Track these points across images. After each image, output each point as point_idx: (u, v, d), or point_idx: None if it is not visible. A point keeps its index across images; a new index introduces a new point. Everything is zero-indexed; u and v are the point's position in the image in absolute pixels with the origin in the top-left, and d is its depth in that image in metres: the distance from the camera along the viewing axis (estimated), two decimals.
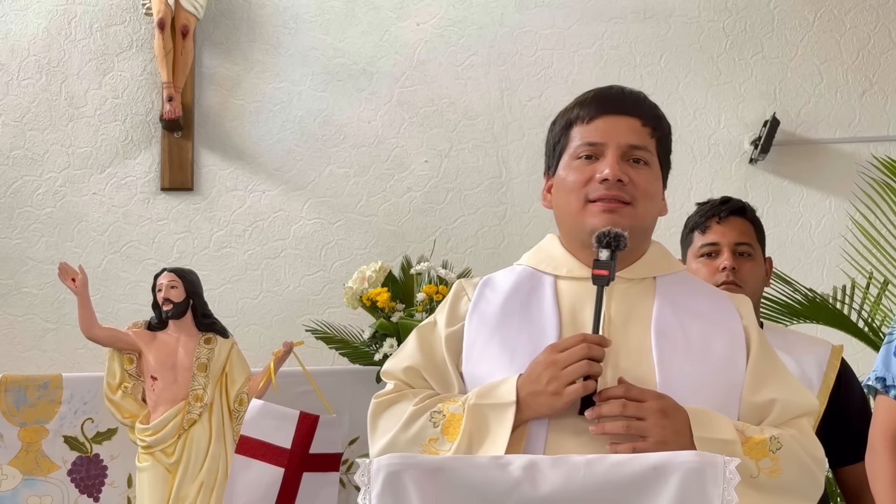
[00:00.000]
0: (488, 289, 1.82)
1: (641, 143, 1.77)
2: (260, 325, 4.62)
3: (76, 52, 4.77)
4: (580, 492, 1.46)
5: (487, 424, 1.63)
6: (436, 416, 1.68)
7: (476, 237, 4.73)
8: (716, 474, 1.45)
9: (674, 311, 1.74)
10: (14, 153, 4.71)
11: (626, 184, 1.73)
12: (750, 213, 2.65)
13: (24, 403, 3.75)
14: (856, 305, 3.58)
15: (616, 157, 1.74)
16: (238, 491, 3.39)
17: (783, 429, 1.68)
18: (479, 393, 1.67)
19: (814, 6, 4.88)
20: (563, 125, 1.84)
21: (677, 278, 1.82)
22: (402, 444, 1.68)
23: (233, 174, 4.74)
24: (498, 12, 4.87)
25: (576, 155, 1.78)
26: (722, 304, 1.80)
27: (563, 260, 1.80)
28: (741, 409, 1.70)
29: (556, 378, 1.60)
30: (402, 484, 1.47)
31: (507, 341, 1.72)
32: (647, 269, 1.80)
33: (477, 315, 1.77)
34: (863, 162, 4.28)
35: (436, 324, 1.82)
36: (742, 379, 1.71)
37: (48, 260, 4.57)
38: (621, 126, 1.77)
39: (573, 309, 1.74)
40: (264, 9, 4.83)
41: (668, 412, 1.60)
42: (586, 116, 1.79)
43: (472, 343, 1.75)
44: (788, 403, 1.71)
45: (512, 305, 1.77)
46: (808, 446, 1.69)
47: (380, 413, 1.76)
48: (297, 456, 3.45)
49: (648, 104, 1.83)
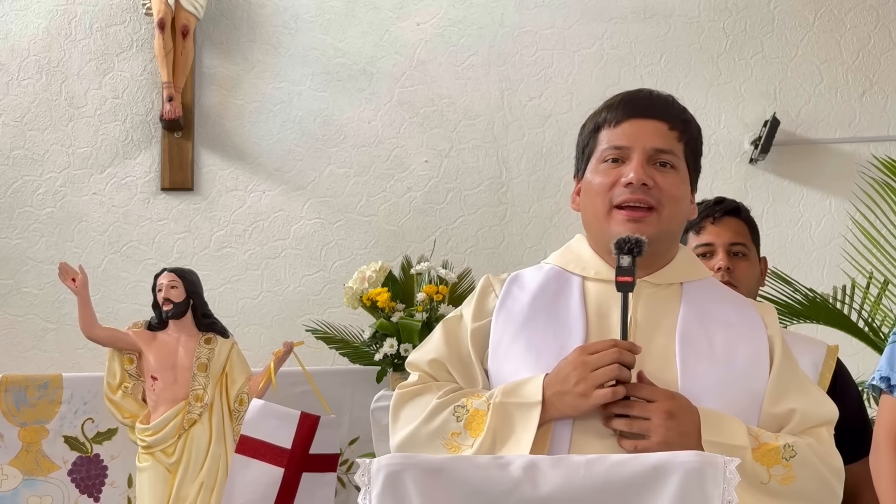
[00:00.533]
0: (516, 286, 1.81)
1: (668, 147, 1.76)
2: (260, 325, 4.62)
3: (76, 52, 4.77)
4: (580, 492, 1.46)
5: (513, 423, 1.63)
6: (459, 410, 1.67)
7: (476, 237, 4.73)
8: (716, 474, 1.45)
9: (699, 318, 1.74)
10: (14, 153, 4.71)
11: (652, 188, 1.72)
12: (744, 214, 2.65)
13: (24, 403, 3.76)
14: (856, 305, 3.58)
15: (642, 161, 1.73)
16: (238, 490, 3.39)
17: (800, 437, 1.67)
18: (504, 391, 1.66)
19: (814, 6, 4.88)
20: (591, 129, 1.83)
21: (704, 284, 1.82)
22: (424, 436, 1.67)
23: (233, 174, 4.74)
24: (498, 12, 4.87)
25: (602, 158, 1.78)
26: (748, 312, 1.79)
27: (592, 261, 1.80)
28: (761, 418, 1.69)
29: (585, 379, 1.60)
30: (403, 484, 1.47)
31: (533, 340, 1.72)
32: (675, 275, 1.80)
33: (504, 312, 1.77)
34: (863, 162, 4.28)
35: (462, 317, 1.81)
36: (764, 388, 1.70)
37: (48, 260, 4.57)
38: (648, 129, 1.76)
39: (600, 311, 1.73)
40: (264, 9, 4.83)
41: (675, 414, 1.60)
42: (613, 120, 1.78)
43: (499, 340, 1.75)
44: (808, 413, 1.71)
45: (539, 304, 1.76)
46: (824, 455, 1.68)
47: (403, 404, 1.74)
48: (297, 456, 3.45)
49: (677, 108, 1.82)
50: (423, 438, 1.67)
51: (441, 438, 1.65)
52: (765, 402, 1.70)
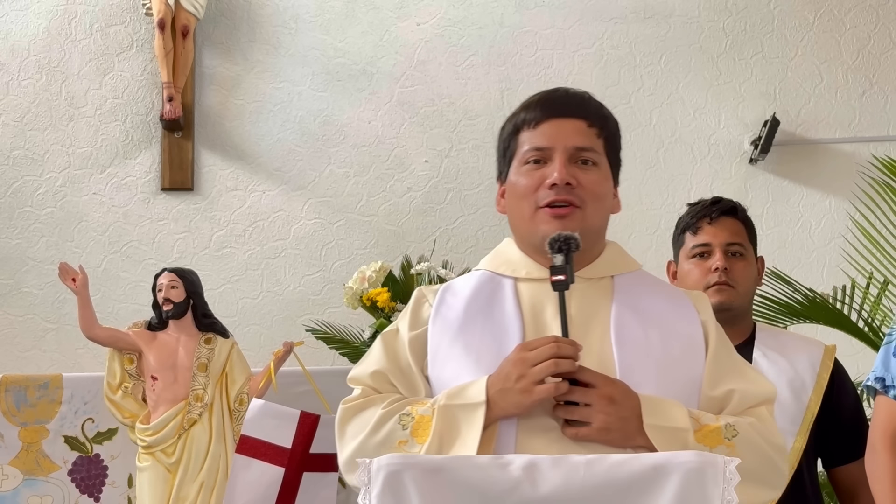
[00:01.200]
0: (449, 294, 1.83)
1: (588, 145, 1.78)
2: (260, 325, 4.62)
3: (76, 52, 4.77)
4: (580, 492, 1.46)
5: (458, 425, 1.64)
6: (405, 418, 1.68)
7: (476, 237, 4.73)
8: (716, 474, 1.45)
9: (632, 310, 1.76)
10: (14, 153, 4.71)
11: (575, 187, 1.74)
12: (741, 213, 2.64)
13: (24, 403, 3.75)
14: (856, 305, 3.58)
15: (563, 161, 1.75)
16: (238, 490, 3.39)
17: (741, 417, 1.69)
18: (449, 394, 1.68)
19: (814, 6, 4.89)
20: (510, 131, 1.85)
21: (635, 277, 1.84)
22: (372, 447, 1.67)
23: (233, 174, 4.74)
24: (498, 12, 4.87)
25: (524, 160, 1.80)
26: (680, 300, 1.82)
27: (521, 262, 1.83)
28: (700, 403, 1.72)
29: (525, 376, 1.61)
30: (402, 484, 1.48)
31: (471, 344, 1.73)
32: (605, 269, 1.82)
33: (440, 319, 1.78)
34: (863, 162, 4.27)
35: (398, 330, 1.83)
36: (700, 373, 1.73)
37: (48, 260, 4.57)
38: (567, 128, 1.78)
39: (535, 310, 1.75)
40: (264, 9, 4.84)
41: (615, 399, 1.61)
42: (532, 121, 1.80)
43: (437, 347, 1.76)
44: (746, 393, 1.73)
45: (474, 308, 1.78)
46: (766, 434, 1.70)
47: (348, 419, 1.74)
48: (298, 455, 3.45)
49: (594, 105, 1.83)
50: (371, 450, 1.67)
51: (388, 448, 1.65)
52: (703, 385, 1.73)
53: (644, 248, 4.69)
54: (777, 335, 2.66)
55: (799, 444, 2.46)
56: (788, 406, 2.47)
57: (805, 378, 2.51)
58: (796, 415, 2.48)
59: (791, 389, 2.49)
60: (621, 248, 1.90)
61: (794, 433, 2.46)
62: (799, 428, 2.47)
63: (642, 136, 4.79)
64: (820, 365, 2.53)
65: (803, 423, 2.47)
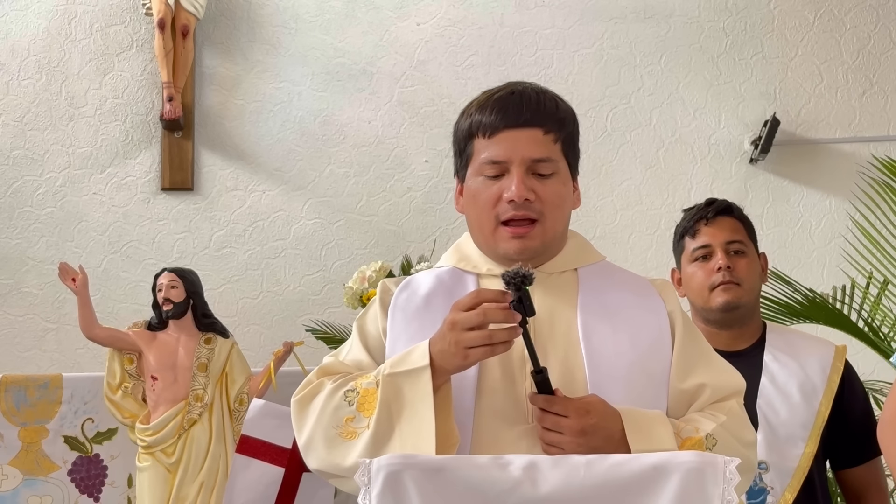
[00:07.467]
0: (411, 286, 1.83)
1: (545, 155, 1.74)
2: (260, 325, 4.62)
3: (76, 52, 4.78)
4: (580, 492, 1.46)
5: (403, 392, 1.62)
6: (350, 394, 1.66)
7: None
8: (716, 474, 1.45)
9: (599, 302, 1.76)
10: (14, 153, 4.71)
11: (534, 201, 1.72)
12: (737, 212, 2.63)
13: (24, 403, 3.75)
14: (856, 305, 3.58)
15: (521, 175, 1.72)
16: (238, 490, 3.39)
17: (714, 416, 1.70)
18: (392, 362, 1.66)
19: (814, 6, 4.89)
20: (465, 132, 1.82)
21: (599, 268, 1.84)
22: (321, 430, 1.66)
23: (233, 174, 4.74)
24: (498, 12, 4.87)
25: (481, 171, 1.77)
26: (646, 290, 1.81)
27: (481, 261, 1.82)
28: (670, 395, 1.72)
29: (459, 342, 1.59)
30: (402, 484, 1.47)
31: (429, 335, 1.70)
32: (568, 262, 1.82)
33: (399, 312, 1.79)
34: (863, 162, 4.27)
35: (365, 324, 1.83)
36: (668, 365, 1.73)
37: (48, 260, 4.57)
38: (523, 140, 1.74)
39: None
40: (264, 9, 4.84)
41: (586, 431, 1.60)
42: (487, 130, 1.76)
43: (396, 338, 1.76)
44: (717, 387, 1.74)
45: (436, 301, 1.77)
46: (738, 431, 1.71)
47: (300, 409, 1.73)
48: (298, 455, 3.43)
49: (548, 107, 1.78)
50: (321, 433, 1.66)
51: (336, 427, 1.64)
52: (672, 378, 1.73)
53: (644, 248, 4.70)
54: (787, 336, 2.63)
55: (810, 449, 2.44)
56: (799, 411, 2.45)
57: (816, 382, 2.49)
58: (807, 420, 2.46)
59: (802, 393, 2.47)
60: (584, 240, 1.89)
61: (805, 438, 2.45)
62: (810, 433, 2.45)
63: (642, 136, 4.79)
64: (830, 367, 2.52)
65: (814, 429, 2.46)
